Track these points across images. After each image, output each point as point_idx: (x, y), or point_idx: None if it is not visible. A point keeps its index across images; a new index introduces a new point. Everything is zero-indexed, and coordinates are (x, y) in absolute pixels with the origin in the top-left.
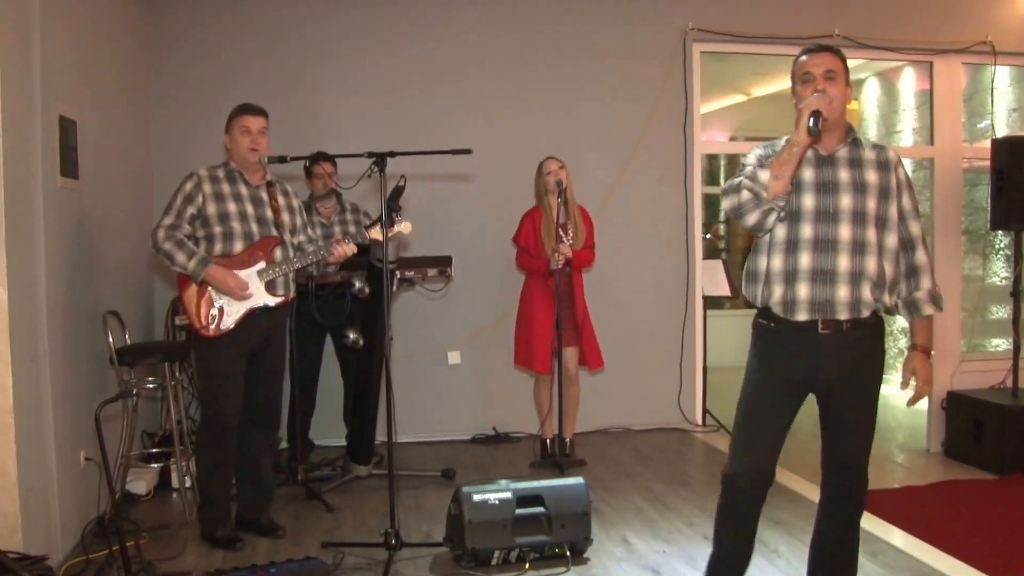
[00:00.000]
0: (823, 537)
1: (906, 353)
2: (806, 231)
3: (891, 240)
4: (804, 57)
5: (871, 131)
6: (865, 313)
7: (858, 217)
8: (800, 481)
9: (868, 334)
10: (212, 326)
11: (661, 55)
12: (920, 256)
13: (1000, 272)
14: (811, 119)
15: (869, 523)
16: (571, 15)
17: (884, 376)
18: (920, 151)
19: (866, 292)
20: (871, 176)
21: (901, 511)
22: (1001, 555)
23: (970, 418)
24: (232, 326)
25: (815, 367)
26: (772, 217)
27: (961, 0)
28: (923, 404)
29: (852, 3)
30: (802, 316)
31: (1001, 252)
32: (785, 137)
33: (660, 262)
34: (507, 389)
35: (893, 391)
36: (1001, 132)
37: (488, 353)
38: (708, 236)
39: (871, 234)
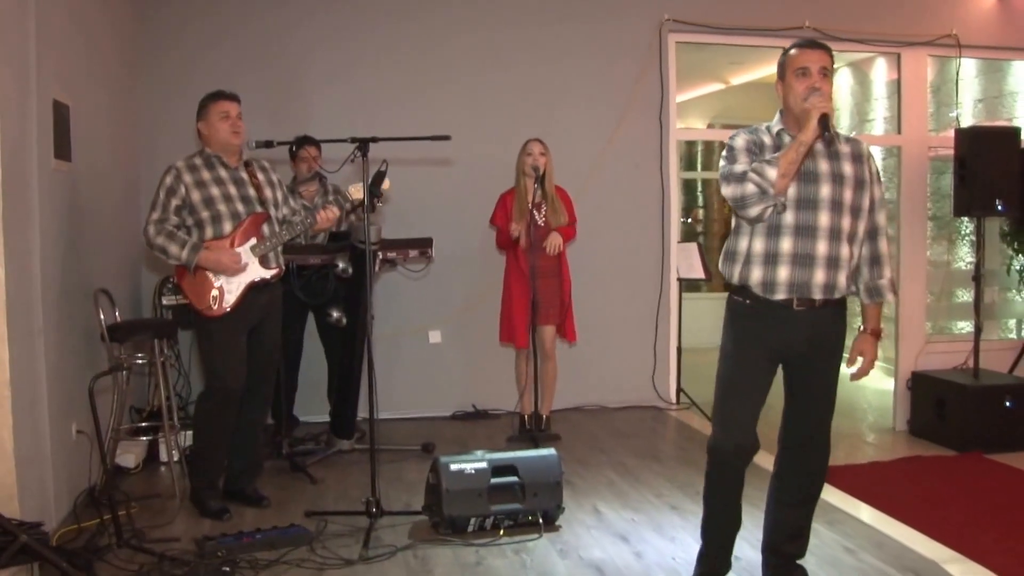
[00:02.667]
0: (789, 506)
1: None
2: (788, 217)
3: (862, 228)
4: (799, 51)
5: (844, 119)
6: (836, 296)
7: (835, 206)
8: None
9: (836, 311)
10: (215, 307)
11: (638, 45)
12: (883, 245)
13: (966, 257)
14: (822, 124)
15: (830, 495)
16: (549, 4)
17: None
18: (888, 140)
19: (841, 277)
20: (847, 168)
21: (865, 485)
22: (955, 525)
23: (933, 397)
24: (234, 303)
25: (788, 340)
26: (771, 210)
27: None
28: (889, 384)
29: None
30: (780, 295)
31: (967, 238)
32: (765, 124)
33: (636, 245)
34: (487, 367)
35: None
36: (968, 122)
37: (468, 332)
38: (688, 220)
39: (846, 222)
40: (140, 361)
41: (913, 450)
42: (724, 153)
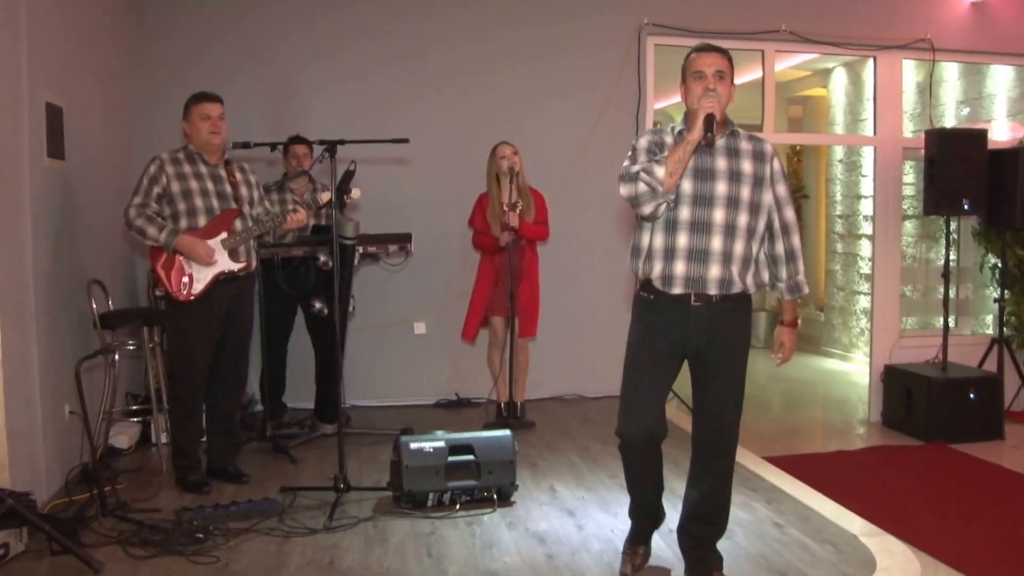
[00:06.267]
0: (698, 494)
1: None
2: (684, 213)
3: (762, 225)
4: (696, 55)
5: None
6: (734, 290)
7: (732, 202)
8: None
9: (736, 308)
10: (184, 292)
11: (616, 48)
12: (796, 241)
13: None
14: (705, 125)
15: (778, 479)
16: (531, 8)
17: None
18: (862, 140)
19: (735, 272)
20: (746, 165)
21: (822, 472)
22: (898, 507)
23: (903, 389)
24: (202, 291)
25: (687, 335)
26: (664, 207)
27: None
28: (865, 378)
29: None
30: (677, 290)
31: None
32: (671, 125)
33: (613, 241)
34: (470, 358)
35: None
36: (951, 123)
37: (453, 324)
38: None
39: (743, 219)
40: (131, 347)
41: (882, 440)
42: (628, 153)
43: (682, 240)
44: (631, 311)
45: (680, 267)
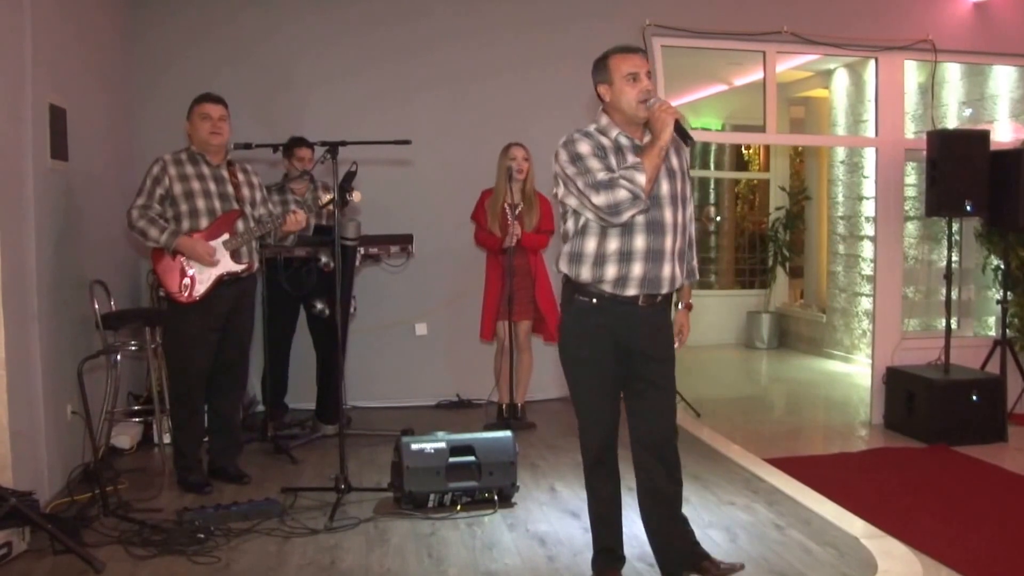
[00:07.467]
0: (650, 511)
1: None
2: (639, 216)
3: (690, 218)
4: (625, 56)
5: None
6: (675, 287)
7: (674, 200)
8: (721, 440)
9: (667, 306)
10: (186, 293)
11: None
12: (693, 231)
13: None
14: (681, 130)
15: (777, 479)
16: (533, 10)
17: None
18: (864, 141)
19: (679, 269)
20: (674, 161)
21: (823, 473)
22: (898, 509)
23: (904, 392)
24: (203, 293)
25: (632, 337)
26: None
27: (904, 0)
28: (867, 380)
29: (800, 1)
30: (631, 291)
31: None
32: (593, 127)
33: None
34: (472, 359)
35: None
36: (953, 123)
37: (454, 325)
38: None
39: (680, 215)
40: (133, 347)
41: (884, 442)
42: (567, 159)
43: (639, 242)
44: (566, 320)
45: (637, 269)
